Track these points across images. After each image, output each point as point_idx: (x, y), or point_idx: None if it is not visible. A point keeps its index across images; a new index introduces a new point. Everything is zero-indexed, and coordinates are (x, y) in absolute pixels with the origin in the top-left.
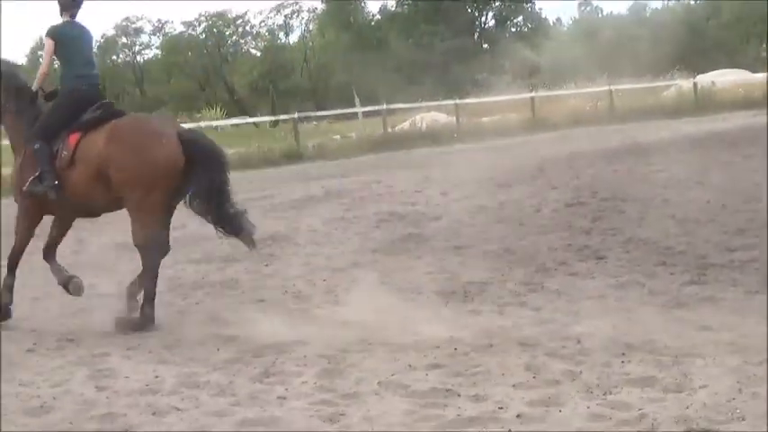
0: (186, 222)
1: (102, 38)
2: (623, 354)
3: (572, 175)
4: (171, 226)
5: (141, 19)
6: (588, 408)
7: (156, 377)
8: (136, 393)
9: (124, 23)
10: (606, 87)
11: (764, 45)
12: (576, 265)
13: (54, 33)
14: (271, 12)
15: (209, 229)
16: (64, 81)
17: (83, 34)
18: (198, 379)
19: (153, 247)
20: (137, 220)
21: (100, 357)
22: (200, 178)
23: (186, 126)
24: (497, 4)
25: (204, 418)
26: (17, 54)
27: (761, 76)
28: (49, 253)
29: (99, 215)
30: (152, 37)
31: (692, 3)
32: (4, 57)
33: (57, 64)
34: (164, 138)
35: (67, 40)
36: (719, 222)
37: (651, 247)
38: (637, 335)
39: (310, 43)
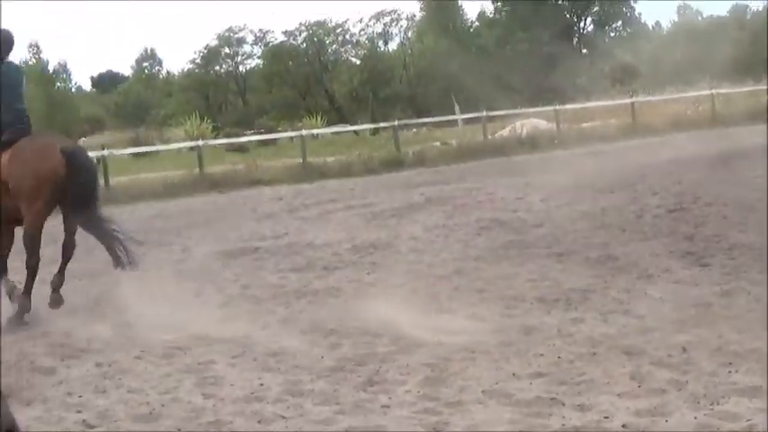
0: (289, 230)
1: (205, 48)
2: (730, 363)
3: (673, 180)
4: (273, 234)
5: (244, 29)
6: (695, 418)
7: (261, 385)
8: (241, 401)
9: (227, 34)
10: (707, 91)
11: None
12: (679, 272)
13: None
14: (370, 20)
15: (311, 236)
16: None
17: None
18: (302, 387)
19: (35, 248)
20: (25, 224)
21: (205, 365)
22: (75, 185)
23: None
24: (596, 8)
25: (309, 426)
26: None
27: None
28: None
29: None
30: (254, 47)
31: None
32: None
33: None
34: (47, 152)
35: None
36: None
37: (756, 252)
38: (743, 343)
39: (409, 50)
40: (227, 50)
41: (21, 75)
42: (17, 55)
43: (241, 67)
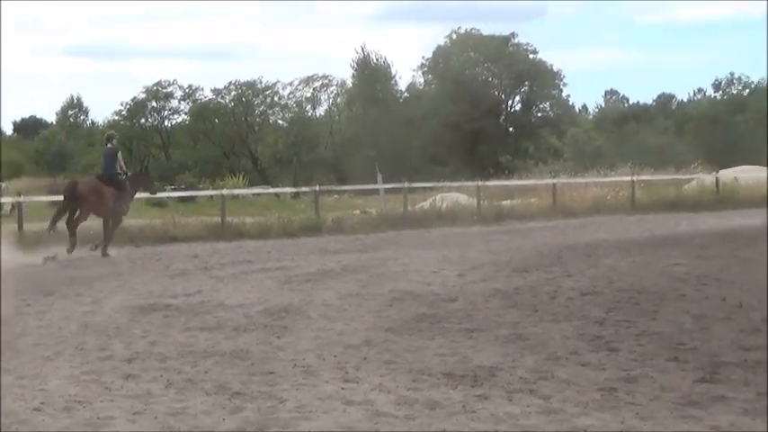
0: (202, 289)
1: (132, 101)
2: None
3: (589, 263)
4: (185, 291)
5: (173, 84)
6: None
7: None
8: None
9: (155, 88)
10: (628, 177)
11: None
12: (587, 354)
13: None
14: (300, 84)
15: (223, 296)
16: None
17: None
18: None
19: None
20: None
21: (104, 420)
22: None
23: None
24: (525, 88)
25: None
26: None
27: None
28: None
29: None
30: (181, 102)
31: (719, 97)
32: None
33: None
34: None
35: None
36: (735, 320)
37: (664, 341)
38: (645, 430)
39: (337, 117)
40: (153, 104)
41: None
42: None
43: (167, 122)
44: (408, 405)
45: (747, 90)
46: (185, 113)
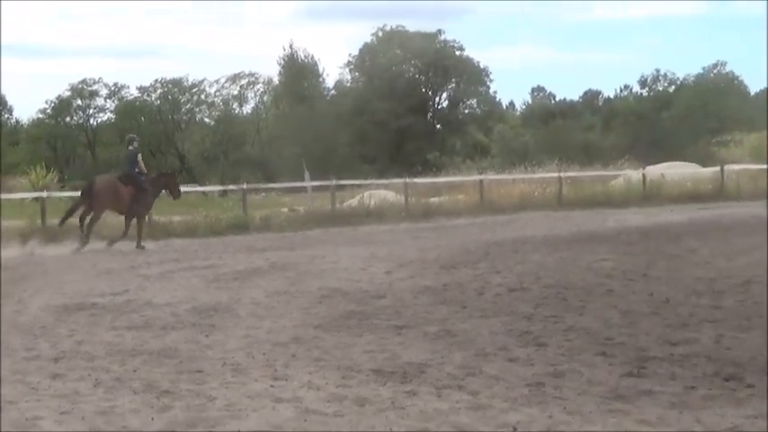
0: (129, 288)
1: (57, 99)
2: None
3: (517, 260)
4: (112, 290)
5: (98, 82)
6: None
7: None
8: None
9: (80, 86)
10: (555, 174)
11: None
12: (515, 350)
13: None
14: (226, 81)
15: (151, 294)
16: None
17: None
18: None
19: None
20: None
21: (32, 421)
22: None
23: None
24: (452, 85)
25: None
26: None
27: (709, 170)
28: None
29: None
30: (107, 101)
31: (645, 94)
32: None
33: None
34: None
35: None
36: (661, 315)
37: (592, 336)
38: (572, 425)
39: (264, 115)
40: (79, 102)
41: None
42: None
43: (92, 120)
44: (337, 402)
45: (673, 87)
46: (111, 112)
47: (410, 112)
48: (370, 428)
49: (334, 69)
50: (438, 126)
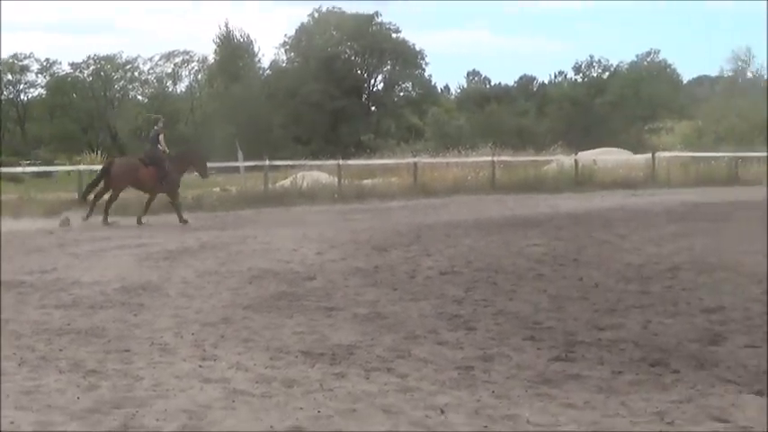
0: (57, 266)
1: None
2: (485, 426)
3: (448, 243)
4: (40, 268)
5: (29, 57)
6: None
7: (12, 423)
8: None
9: (11, 60)
10: (489, 158)
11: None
12: (445, 333)
13: None
14: (161, 59)
15: (79, 273)
16: None
17: None
18: (54, 428)
19: None
20: None
21: None
22: None
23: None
24: (387, 68)
25: None
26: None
27: (641, 157)
28: None
29: None
30: (38, 76)
31: (579, 80)
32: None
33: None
34: None
35: None
36: (591, 300)
37: (521, 320)
38: (500, 409)
39: (198, 93)
40: (9, 77)
41: None
42: None
43: (23, 96)
44: (266, 383)
45: (607, 73)
46: (42, 87)
47: (345, 94)
48: (297, 410)
49: (269, 50)
50: (373, 108)
